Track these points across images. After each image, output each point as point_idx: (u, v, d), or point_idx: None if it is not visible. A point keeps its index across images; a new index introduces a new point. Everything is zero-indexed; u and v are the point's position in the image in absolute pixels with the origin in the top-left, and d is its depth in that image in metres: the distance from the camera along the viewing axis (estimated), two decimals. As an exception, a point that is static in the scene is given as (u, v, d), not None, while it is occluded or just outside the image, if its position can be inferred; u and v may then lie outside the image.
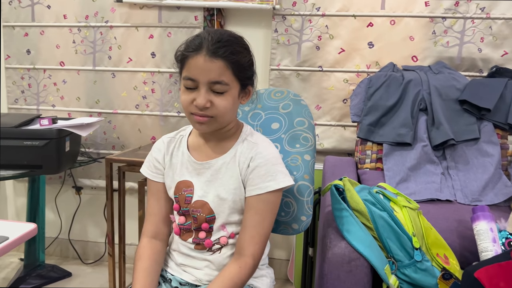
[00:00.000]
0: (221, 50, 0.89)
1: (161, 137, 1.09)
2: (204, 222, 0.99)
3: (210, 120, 0.92)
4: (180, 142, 1.06)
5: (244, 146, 0.99)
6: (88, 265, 2.24)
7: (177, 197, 1.01)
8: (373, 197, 1.14)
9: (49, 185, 2.21)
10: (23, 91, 2.17)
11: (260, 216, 0.95)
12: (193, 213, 0.99)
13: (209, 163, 0.99)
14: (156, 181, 1.05)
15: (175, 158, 1.04)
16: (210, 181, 0.99)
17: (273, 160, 0.97)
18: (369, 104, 1.69)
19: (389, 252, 1.07)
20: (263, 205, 0.95)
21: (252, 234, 0.95)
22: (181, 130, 1.09)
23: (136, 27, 2.02)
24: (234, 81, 0.92)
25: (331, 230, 1.10)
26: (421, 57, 1.83)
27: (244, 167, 0.97)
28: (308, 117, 1.15)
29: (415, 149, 1.61)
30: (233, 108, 0.96)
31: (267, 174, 0.95)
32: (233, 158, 0.99)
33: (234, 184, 0.97)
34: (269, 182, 0.94)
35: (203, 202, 0.99)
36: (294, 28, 1.89)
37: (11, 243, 1.04)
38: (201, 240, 1.00)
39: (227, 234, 1.00)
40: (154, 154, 1.06)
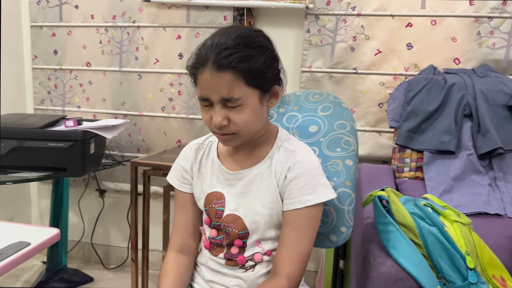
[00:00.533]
0: (228, 60, 0.78)
1: (188, 144, 1.01)
2: (237, 238, 0.90)
3: (233, 137, 0.85)
4: (209, 150, 0.98)
5: (281, 154, 0.90)
6: (110, 270, 2.19)
7: (207, 209, 0.94)
8: (420, 210, 1.04)
9: (72, 188, 2.17)
10: (50, 91, 2.15)
11: (298, 233, 0.86)
12: (225, 228, 0.91)
13: (241, 173, 0.91)
14: (184, 191, 0.98)
15: (204, 168, 0.96)
16: (243, 193, 0.91)
17: (313, 171, 0.88)
18: (408, 108, 1.58)
19: (439, 272, 0.97)
20: (302, 221, 0.86)
21: (289, 252, 0.86)
22: (210, 135, 1.00)
23: (163, 27, 1.96)
24: (250, 91, 0.81)
25: (375, 245, 1.00)
26: (464, 60, 1.71)
27: (281, 178, 0.88)
28: (350, 120, 1.06)
29: (459, 157, 1.49)
30: (257, 118, 0.85)
31: (306, 186, 0.86)
32: (268, 168, 0.90)
33: (271, 197, 0.89)
34: (308, 196, 0.85)
35: (235, 217, 0.90)
36: (327, 28, 1.80)
37: (33, 249, 1.01)
38: (234, 256, 0.91)
39: (263, 250, 0.91)
40: (182, 162, 0.99)
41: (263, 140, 0.92)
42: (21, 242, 0.98)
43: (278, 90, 0.88)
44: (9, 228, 1.10)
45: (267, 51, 0.84)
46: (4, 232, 1.04)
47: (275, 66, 0.86)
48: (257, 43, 0.83)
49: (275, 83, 0.87)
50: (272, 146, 0.92)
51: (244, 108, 0.82)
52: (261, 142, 0.92)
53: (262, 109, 0.87)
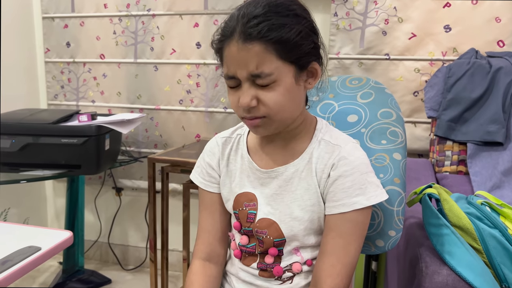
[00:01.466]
0: (256, 29, 0.67)
1: (214, 137, 0.89)
2: (272, 246, 0.78)
3: (264, 121, 0.72)
4: (238, 143, 0.86)
5: (322, 149, 0.78)
6: (128, 271, 2.11)
7: (237, 213, 0.82)
8: (477, 210, 0.91)
9: (88, 186, 2.10)
10: (63, 86, 2.07)
11: (344, 240, 0.73)
12: (257, 234, 0.79)
13: (276, 172, 0.79)
14: (210, 191, 0.86)
15: (233, 164, 0.84)
16: (278, 194, 0.79)
17: (362, 168, 0.74)
18: (449, 96, 1.44)
19: (503, 282, 0.84)
20: (348, 227, 0.74)
21: (332, 262, 0.73)
22: (238, 127, 0.89)
23: (180, 15, 1.85)
24: (283, 65, 0.69)
25: (425, 250, 0.87)
26: (509, 42, 1.55)
27: (323, 177, 0.76)
28: (396, 108, 0.93)
29: (509, 149, 1.35)
30: (292, 100, 0.73)
31: (354, 186, 0.73)
32: (307, 165, 0.77)
33: (312, 200, 0.76)
34: (357, 198, 0.73)
35: (270, 221, 0.78)
36: (356, 11, 1.66)
37: (44, 254, 0.94)
38: (269, 267, 0.79)
39: (302, 260, 0.79)
40: (207, 158, 0.87)
41: (300, 131, 0.80)
42: (31, 247, 0.91)
43: (317, 68, 0.75)
44: (20, 231, 1.02)
45: (303, 20, 0.71)
46: (14, 235, 0.97)
47: (313, 39, 0.73)
48: (291, 11, 0.70)
49: (313, 59, 0.74)
50: (311, 139, 0.80)
51: (276, 86, 0.70)
52: (298, 134, 0.80)
53: (299, 90, 0.74)
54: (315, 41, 0.74)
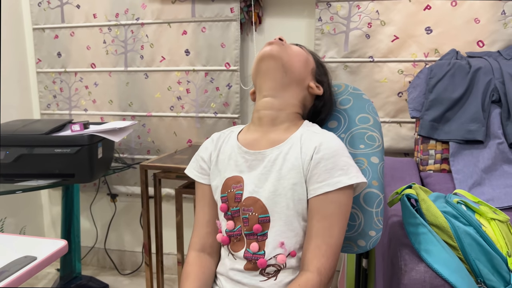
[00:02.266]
0: None
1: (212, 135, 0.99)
2: (257, 223, 0.83)
3: (281, 43, 0.90)
4: (229, 137, 0.94)
5: (306, 136, 0.86)
6: (125, 276, 2.14)
7: (226, 195, 0.87)
8: (453, 208, 0.95)
9: (83, 193, 2.13)
10: (55, 95, 2.09)
11: (328, 222, 0.78)
12: (244, 212, 0.84)
13: (262, 153, 0.85)
14: (202, 182, 0.93)
15: (223, 154, 0.91)
16: (263, 173, 0.84)
17: (342, 151, 0.82)
18: (431, 97, 1.48)
19: (478, 277, 0.88)
20: (332, 208, 0.79)
21: (318, 244, 0.78)
22: (233, 127, 0.98)
23: (168, 23, 1.89)
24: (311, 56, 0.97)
25: (404, 249, 0.91)
26: (488, 42, 1.60)
27: (306, 160, 0.81)
28: (373, 113, 0.97)
29: (489, 147, 1.39)
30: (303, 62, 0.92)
31: (336, 167, 0.79)
32: (292, 148, 0.84)
33: (295, 178, 0.81)
34: (339, 177, 0.78)
35: (255, 199, 0.84)
36: (340, 16, 1.70)
37: (39, 263, 0.97)
38: (253, 257, 0.83)
39: (286, 252, 0.82)
40: (201, 153, 0.96)
41: (288, 123, 0.90)
42: (27, 256, 0.93)
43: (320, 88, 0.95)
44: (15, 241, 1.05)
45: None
46: (9, 246, 0.99)
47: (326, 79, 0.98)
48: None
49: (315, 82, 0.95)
50: (297, 130, 0.89)
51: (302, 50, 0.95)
52: (287, 122, 0.90)
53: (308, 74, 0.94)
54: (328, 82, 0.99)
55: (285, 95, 0.89)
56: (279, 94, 0.89)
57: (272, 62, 0.88)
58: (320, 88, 0.94)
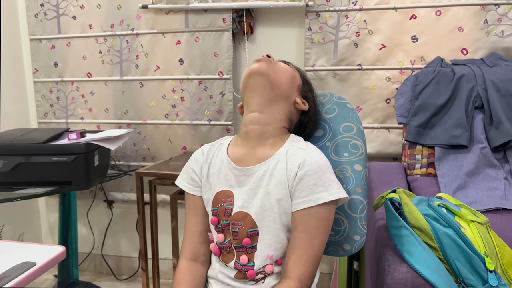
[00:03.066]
0: None
1: (201, 147, 1.01)
2: (246, 237, 0.87)
3: (268, 61, 0.92)
4: (219, 150, 0.98)
5: (291, 152, 0.90)
6: (122, 281, 2.17)
7: (216, 209, 0.91)
8: (434, 211, 0.99)
9: (80, 200, 2.16)
10: (52, 104, 2.14)
11: (309, 235, 0.83)
12: (233, 226, 0.88)
13: (251, 169, 0.89)
14: (194, 194, 0.96)
15: (213, 168, 0.94)
16: (252, 189, 0.88)
17: (324, 168, 0.86)
18: (417, 103, 1.53)
19: (458, 276, 0.92)
20: (313, 222, 0.83)
21: (299, 254, 0.83)
22: (222, 139, 1.01)
23: (162, 33, 1.94)
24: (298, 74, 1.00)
25: (388, 250, 0.96)
26: (472, 50, 1.65)
27: (291, 176, 0.85)
28: (357, 122, 1.02)
29: (472, 151, 1.44)
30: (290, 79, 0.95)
31: (318, 183, 0.83)
32: (278, 164, 0.88)
33: (280, 194, 0.86)
34: (321, 193, 0.82)
35: (244, 214, 0.88)
36: (329, 25, 1.76)
37: (39, 269, 1.00)
38: (243, 268, 0.88)
39: (272, 261, 0.87)
40: (191, 164, 0.98)
41: (275, 138, 0.92)
42: (26, 262, 0.97)
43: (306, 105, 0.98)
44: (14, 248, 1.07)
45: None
46: (9, 252, 1.02)
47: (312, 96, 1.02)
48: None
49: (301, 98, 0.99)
50: (283, 145, 0.92)
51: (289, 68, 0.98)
52: (273, 137, 0.92)
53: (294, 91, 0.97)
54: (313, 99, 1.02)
55: (271, 110, 0.92)
56: (266, 109, 0.91)
57: (259, 78, 0.91)
58: (306, 104, 0.97)
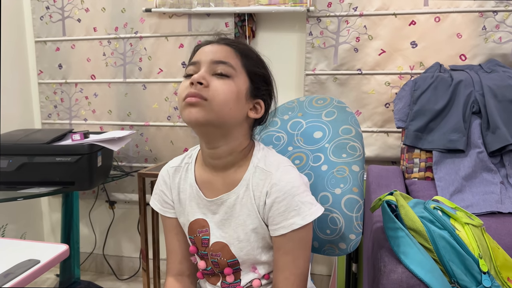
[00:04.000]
0: (230, 40, 0.84)
1: (165, 166, 0.95)
2: (226, 266, 0.86)
3: (203, 103, 0.75)
4: (186, 172, 0.90)
5: (257, 176, 0.83)
6: (123, 281, 2.19)
7: (193, 238, 0.89)
8: (430, 214, 1.02)
9: (82, 200, 2.19)
10: (56, 105, 2.17)
11: (291, 256, 0.81)
12: (212, 257, 0.87)
13: (220, 199, 0.85)
14: (169, 216, 0.93)
15: (183, 193, 0.89)
16: (225, 219, 0.85)
17: (293, 191, 0.79)
18: (415, 108, 1.56)
19: (452, 277, 0.95)
20: (292, 244, 0.81)
21: (286, 276, 0.82)
22: (186, 155, 0.94)
23: (165, 36, 1.97)
24: (242, 72, 0.80)
25: (385, 252, 0.98)
26: (470, 56, 1.68)
27: (260, 204, 0.82)
28: (355, 125, 1.04)
29: (469, 156, 1.47)
30: (236, 103, 0.78)
31: (288, 209, 0.79)
32: (246, 192, 0.83)
33: (253, 224, 0.83)
34: (293, 219, 0.79)
35: (222, 244, 0.86)
36: (330, 30, 1.79)
37: (42, 266, 1.01)
38: (231, 286, 0.88)
39: (260, 276, 0.88)
40: (161, 187, 0.93)
41: (240, 158, 0.85)
42: (31, 260, 0.98)
43: (261, 106, 0.85)
44: (19, 246, 1.09)
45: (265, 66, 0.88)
46: (13, 250, 1.04)
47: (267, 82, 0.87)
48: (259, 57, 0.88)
49: (263, 98, 0.86)
50: (248, 166, 0.84)
51: (230, 81, 0.78)
52: (238, 162, 0.85)
53: (244, 106, 0.81)
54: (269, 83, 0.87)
55: (227, 141, 0.82)
56: (221, 143, 0.82)
57: (201, 128, 0.79)
58: (261, 107, 0.85)
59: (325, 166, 1.00)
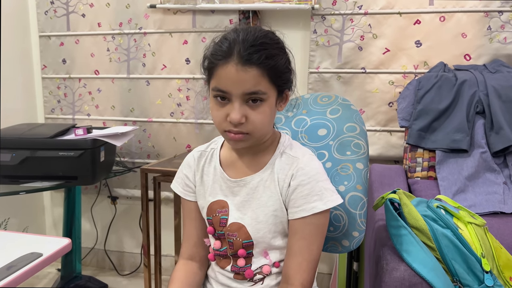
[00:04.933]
0: (256, 56, 0.76)
1: (192, 151, 0.99)
2: (241, 248, 0.88)
3: (246, 137, 0.81)
4: (211, 156, 0.95)
5: (283, 161, 0.88)
6: (124, 277, 2.20)
7: (211, 219, 0.92)
8: (433, 212, 1.02)
9: (84, 195, 2.19)
10: (59, 100, 2.17)
11: (307, 241, 0.84)
12: (228, 237, 0.89)
13: (244, 181, 0.89)
14: (189, 199, 0.96)
15: (207, 176, 0.94)
16: (246, 201, 0.89)
17: (317, 177, 0.84)
18: (419, 107, 1.56)
19: (454, 276, 0.95)
20: (309, 229, 0.84)
21: (299, 261, 0.84)
22: (212, 142, 0.98)
23: (170, 33, 1.97)
24: (272, 89, 0.80)
25: (387, 250, 0.98)
26: (474, 56, 1.68)
27: (284, 186, 0.86)
28: (360, 123, 1.04)
29: (473, 156, 1.47)
30: (271, 119, 0.85)
31: (311, 193, 0.83)
32: (271, 175, 0.87)
33: (274, 205, 0.86)
34: (315, 203, 0.83)
35: (239, 225, 0.88)
36: (334, 29, 1.78)
37: (45, 259, 1.01)
38: (241, 270, 0.90)
39: (270, 262, 0.89)
40: (184, 170, 0.96)
41: (267, 145, 0.90)
42: (33, 253, 0.99)
43: (288, 94, 0.88)
44: (21, 239, 1.09)
45: (286, 53, 0.84)
46: (16, 243, 1.04)
47: (291, 69, 0.86)
48: (280, 44, 0.83)
49: (287, 87, 0.86)
50: (274, 152, 0.89)
51: (264, 106, 0.80)
52: (265, 148, 0.90)
53: (275, 111, 0.86)
54: (291, 71, 0.86)
55: None
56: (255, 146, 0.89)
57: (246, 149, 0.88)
58: (287, 95, 0.88)
59: (329, 163, 1.00)
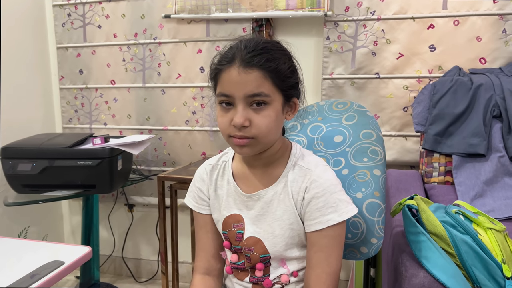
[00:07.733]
0: (256, 59, 0.77)
1: (202, 164, 0.99)
2: (258, 262, 0.88)
3: (251, 142, 0.80)
4: (223, 170, 0.95)
5: (296, 173, 0.87)
6: (141, 284, 2.22)
7: (227, 233, 0.92)
8: (452, 218, 1.01)
9: (102, 203, 2.22)
10: (77, 110, 2.21)
11: (324, 253, 0.84)
12: (245, 251, 0.89)
13: (258, 195, 0.89)
14: (203, 213, 0.96)
15: (220, 189, 0.94)
16: (261, 214, 0.89)
17: (332, 188, 0.83)
18: (434, 112, 1.55)
19: (475, 282, 0.94)
20: (326, 241, 0.84)
21: (318, 273, 0.84)
22: (223, 154, 0.98)
23: (184, 42, 1.99)
24: (276, 92, 0.80)
25: (406, 256, 0.98)
26: (490, 59, 1.66)
27: (298, 199, 0.86)
28: (376, 129, 1.04)
29: (490, 160, 1.45)
30: (277, 125, 0.83)
31: (326, 205, 0.83)
32: (284, 188, 0.87)
33: (290, 219, 0.86)
34: (330, 215, 0.82)
35: (256, 239, 0.88)
36: (347, 35, 1.79)
37: (67, 268, 1.03)
38: (259, 280, 0.90)
39: (288, 272, 0.89)
40: (197, 184, 0.96)
41: (278, 156, 0.89)
42: (55, 261, 1.00)
43: (296, 103, 0.87)
44: (43, 247, 1.11)
45: (290, 59, 0.85)
46: (38, 252, 1.07)
47: (297, 76, 0.86)
48: (283, 50, 0.84)
49: (295, 94, 0.86)
50: (287, 163, 0.89)
51: (268, 110, 0.79)
52: (276, 159, 0.89)
53: (282, 119, 0.84)
54: (298, 77, 0.86)
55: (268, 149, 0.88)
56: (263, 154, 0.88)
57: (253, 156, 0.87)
58: (296, 104, 0.87)
59: (346, 170, 1.01)
